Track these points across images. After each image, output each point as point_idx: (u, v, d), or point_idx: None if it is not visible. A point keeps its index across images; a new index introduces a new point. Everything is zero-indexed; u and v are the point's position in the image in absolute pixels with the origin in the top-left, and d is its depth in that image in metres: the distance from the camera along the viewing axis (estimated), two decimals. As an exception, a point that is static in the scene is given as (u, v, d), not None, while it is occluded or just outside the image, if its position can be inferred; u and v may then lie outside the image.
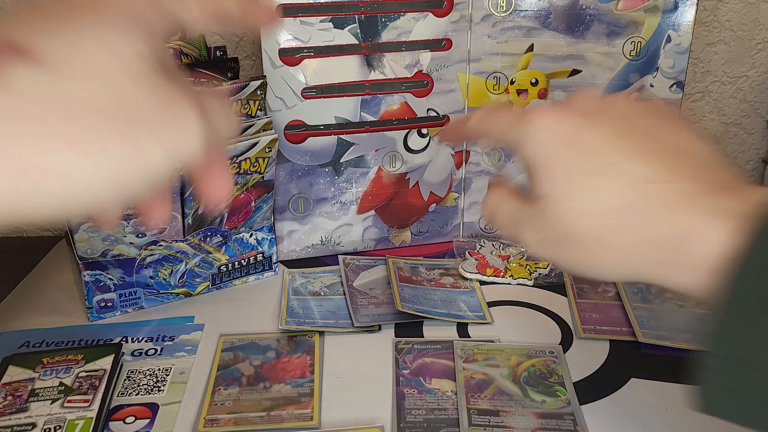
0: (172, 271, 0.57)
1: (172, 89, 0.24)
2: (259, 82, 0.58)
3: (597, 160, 0.33)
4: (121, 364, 0.50)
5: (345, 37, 0.59)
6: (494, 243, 0.65)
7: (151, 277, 0.57)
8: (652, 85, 0.62)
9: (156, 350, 0.52)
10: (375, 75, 0.61)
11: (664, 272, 0.32)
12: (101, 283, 0.55)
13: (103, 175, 0.22)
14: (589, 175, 0.33)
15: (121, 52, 0.23)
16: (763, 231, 0.28)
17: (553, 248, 0.35)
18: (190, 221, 0.55)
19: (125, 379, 0.49)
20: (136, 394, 0.48)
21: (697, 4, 0.59)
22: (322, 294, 0.59)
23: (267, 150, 0.57)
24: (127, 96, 0.23)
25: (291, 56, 0.59)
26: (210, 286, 0.60)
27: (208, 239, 0.58)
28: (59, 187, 0.22)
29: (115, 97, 0.23)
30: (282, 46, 0.59)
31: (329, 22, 0.59)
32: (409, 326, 0.55)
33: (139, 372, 0.50)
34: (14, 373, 0.48)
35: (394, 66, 0.61)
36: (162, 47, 0.25)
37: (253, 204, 0.59)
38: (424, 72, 0.62)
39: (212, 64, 0.60)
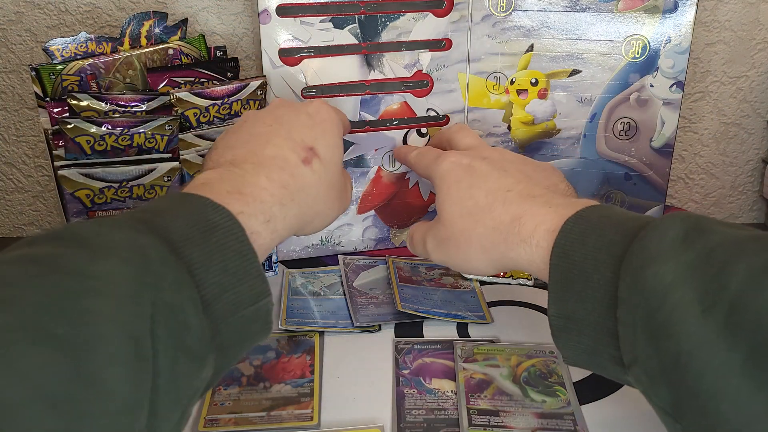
0: (172, 271, 0.57)
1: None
2: (259, 82, 0.58)
3: (479, 179, 0.46)
4: (121, 364, 0.50)
5: (345, 37, 0.59)
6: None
7: (151, 277, 0.57)
8: (652, 86, 0.62)
9: (156, 350, 0.52)
10: (375, 75, 0.61)
11: (505, 250, 0.42)
12: (101, 283, 0.55)
13: (333, 221, 0.48)
14: (470, 188, 0.46)
15: (340, 153, 0.47)
16: (573, 221, 0.38)
17: (442, 249, 0.48)
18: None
19: (125, 379, 0.49)
20: (136, 394, 0.48)
21: (697, 4, 0.59)
22: (322, 294, 0.59)
23: (267, 150, 0.57)
24: (341, 178, 0.48)
25: (291, 56, 0.59)
26: (210, 286, 0.60)
27: (208, 239, 0.58)
28: (322, 224, 0.47)
29: (338, 180, 0.47)
30: (282, 46, 0.59)
31: (329, 22, 0.59)
32: (409, 326, 0.55)
33: (139, 372, 0.50)
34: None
35: (393, 66, 0.61)
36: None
37: (253, 204, 0.58)
38: (424, 72, 0.62)
39: (212, 64, 0.60)
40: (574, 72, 0.63)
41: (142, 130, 0.53)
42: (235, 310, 0.34)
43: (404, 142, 0.64)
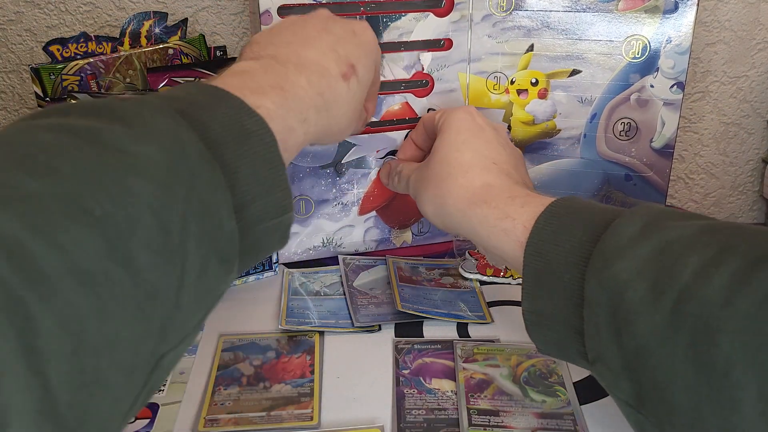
0: (172, 271, 0.57)
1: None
2: (259, 82, 0.57)
3: (478, 140, 0.49)
4: (122, 364, 0.50)
5: (345, 37, 0.59)
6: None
7: (151, 277, 0.57)
8: (652, 86, 0.62)
9: (156, 350, 0.52)
10: (375, 75, 0.61)
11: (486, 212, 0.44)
12: (101, 283, 0.55)
13: (345, 138, 0.52)
14: (464, 143, 0.49)
15: (372, 76, 0.47)
16: (543, 219, 0.40)
17: (422, 183, 0.50)
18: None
19: (125, 379, 0.49)
20: (136, 394, 0.48)
21: (698, 4, 0.59)
22: (322, 294, 0.59)
23: (267, 150, 0.57)
24: (364, 99, 0.48)
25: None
26: (210, 286, 0.60)
27: (208, 239, 0.58)
28: (337, 139, 0.47)
29: (362, 101, 0.47)
30: (282, 46, 0.59)
31: (329, 22, 0.59)
32: (409, 326, 0.55)
33: (140, 372, 0.50)
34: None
35: (394, 66, 0.61)
36: None
37: (253, 204, 0.58)
38: (424, 72, 0.62)
39: (212, 64, 0.60)
40: (575, 72, 0.63)
41: (143, 130, 0.53)
42: (260, 220, 0.34)
43: (404, 142, 0.63)
